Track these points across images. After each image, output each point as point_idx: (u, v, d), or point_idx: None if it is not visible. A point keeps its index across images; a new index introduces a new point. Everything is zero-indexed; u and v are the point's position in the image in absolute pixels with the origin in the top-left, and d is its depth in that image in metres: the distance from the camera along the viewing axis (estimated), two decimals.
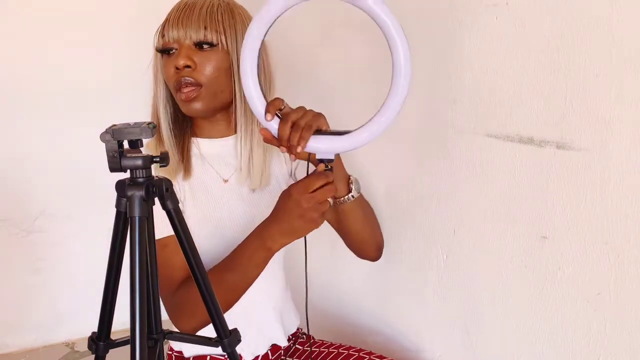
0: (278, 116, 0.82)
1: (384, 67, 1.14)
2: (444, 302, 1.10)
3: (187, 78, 0.93)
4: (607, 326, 0.78)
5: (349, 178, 0.96)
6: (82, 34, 1.83)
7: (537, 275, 0.88)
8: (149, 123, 0.69)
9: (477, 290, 1.01)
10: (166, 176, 0.96)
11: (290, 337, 1.15)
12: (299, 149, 0.79)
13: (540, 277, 0.88)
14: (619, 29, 0.72)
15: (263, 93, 0.81)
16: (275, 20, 0.79)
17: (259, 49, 0.80)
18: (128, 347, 0.65)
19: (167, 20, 0.95)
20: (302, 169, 1.09)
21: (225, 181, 1.03)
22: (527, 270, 0.90)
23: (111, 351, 0.76)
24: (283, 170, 1.08)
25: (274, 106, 0.81)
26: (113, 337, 0.76)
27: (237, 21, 0.96)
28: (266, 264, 0.91)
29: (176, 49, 0.94)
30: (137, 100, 1.69)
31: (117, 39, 1.86)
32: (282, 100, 0.83)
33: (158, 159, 0.70)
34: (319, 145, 0.82)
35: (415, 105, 1.10)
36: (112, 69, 1.87)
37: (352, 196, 0.95)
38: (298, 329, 1.18)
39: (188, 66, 0.92)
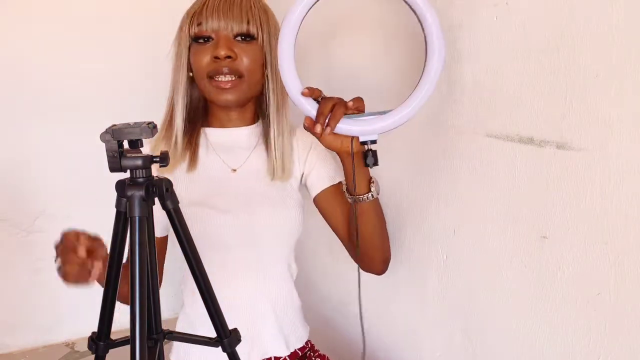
0: (317, 102, 0.84)
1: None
2: (444, 302, 1.10)
3: (226, 68, 0.94)
4: (607, 326, 0.78)
5: (371, 178, 0.95)
6: (83, 35, 1.84)
7: (537, 275, 0.88)
8: (149, 123, 0.69)
9: (477, 290, 1.01)
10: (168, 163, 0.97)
11: (298, 352, 1.12)
12: (332, 125, 0.81)
13: (540, 277, 0.88)
14: (619, 29, 0.72)
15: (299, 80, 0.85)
16: (311, 8, 0.82)
17: (296, 35, 0.83)
18: (128, 347, 0.65)
19: (204, 8, 0.95)
20: (314, 177, 1.08)
21: (234, 171, 1.02)
22: (527, 270, 0.90)
23: (111, 351, 0.76)
24: (296, 171, 1.08)
25: (313, 90, 0.83)
26: (113, 337, 0.76)
27: (270, 18, 0.99)
28: None
29: (213, 38, 0.95)
30: (137, 100, 1.70)
31: (118, 39, 1.86)
32: (321, 91, 0.85)
33: (158, 159, 0.70)
34: (362, 128, 0.84)
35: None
36: (113, 69, 1.87)
37: (372, 195, 0.94)
38: (307, 342, 1.15)
39: (228, 57, 0.93)
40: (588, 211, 0.79)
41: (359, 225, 0.99)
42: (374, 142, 0.86)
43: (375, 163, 0.87)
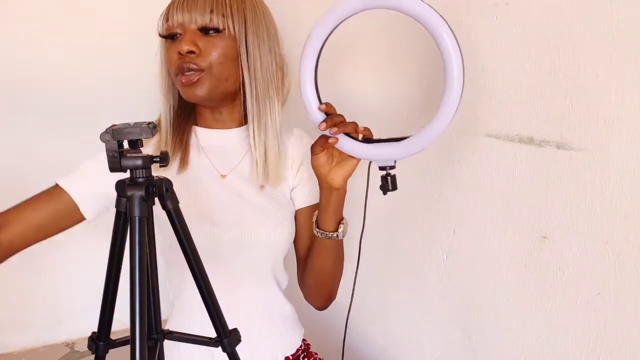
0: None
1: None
2: (444, 302, 1.10)
3: (190, 64, 0.89)
4: (607, 326, 0.78)
5: (342, 219, 0.96)
6: (82, 35, 1.84)
7: (537, 275, 0.88)
8: (149, 123, 0.69)
9: (477, 290, 1.01)
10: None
11: (290, 356, 1.10)
12: (337, 130, 0.83)
13: (540, 277, 0.88)
14: (619, 29, 0.72)
15: (318, 96, 0.86)
16: (339, 24, 0.82)
17: (319, 53, 0.84)
18: (128, 347, 0.65)
19: (171, 4, 0.92)
20: (299, 191, 1.06)
21: (223, 177, 1.00)
22: (527, 270, 0.90)
23: (111, 351, 0.76)
24: (289, 180, 1.05)
25: (330, 107, 0.85)
26: (113, 337, 0.76)
27: (247, 7, 0.92)
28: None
29: (180, 34, 0.91)
30: (137, 100, 1.70)
31: (118, 39, 1.86)
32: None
33: (158, 159, 0.70)
34: (379, 152, 0.84)
35: (415, 105, 1.10)
36: (112, 69, 1.87)
37: (337, 235, 0.96)
38: (301, 345, 1.13)
39: (192, 52, 0.89)
40: (588, 211, 0.79)
41: (316, 259, 1.01)
42: (392, 167, 0.87)
43: (394, 188, 0.87)
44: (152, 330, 0.76)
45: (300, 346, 1.13)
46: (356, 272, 0.97)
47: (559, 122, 0.81)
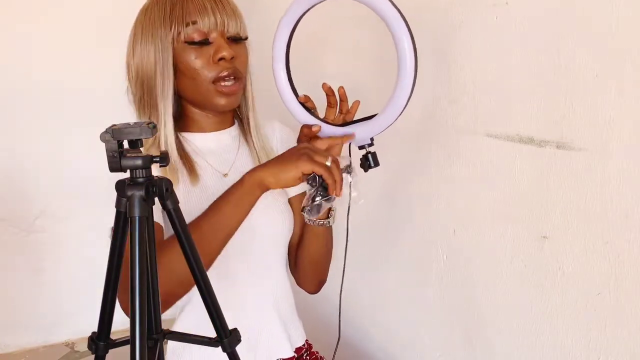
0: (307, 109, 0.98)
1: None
2: (444, 302, 1.10)
3: (233, 71, 0.91)
4: (607, 326, 0.78)
5: (331, 208, 0.98)
6: (82, 36, 1.84)
7: (537, 275, 0.88)
8: (149, 123, 0.69)
9: (477, 290, 1.01)
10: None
11: (296, 355, 1.09)
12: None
13: (540, 277, 0.88)
14: (619, 29, 0.72)
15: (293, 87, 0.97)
16: (300, 18, 0.91)
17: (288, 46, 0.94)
18: (128, 347, 0.65)
19: (190, 5, 0.90)
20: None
21: (225, 175, 1.00)
22: (527, 270, 0.90)
23: (111, 351, 0.76)
24: None
25: (308, 98, 0.98)
26: (113, 337, 0.76)
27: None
28: (251, 206, 0.88)
29: (209, 40, 0.91)
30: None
31: (117, 39, 1.86)
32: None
33: (158, 159, 0.70)
34: (355, 132, 0.92)
35: (415, 105, 1.10)
36: (112, 69, 1.87)
37: (328, 222, 0.98)
38: (306, 341, 1.13)
39: (232, 58, 0.91)
40: (588, 211, 0.79)
41: (309, 246, 1.03)
42: (371, 145, 0.93)
43: (376, 164, 0.93)
44: (152, 330, 0.76)
45: (304, 345, 1.13)
46: (345, 258, 1.00)
47: (559, 122, 0.81)
